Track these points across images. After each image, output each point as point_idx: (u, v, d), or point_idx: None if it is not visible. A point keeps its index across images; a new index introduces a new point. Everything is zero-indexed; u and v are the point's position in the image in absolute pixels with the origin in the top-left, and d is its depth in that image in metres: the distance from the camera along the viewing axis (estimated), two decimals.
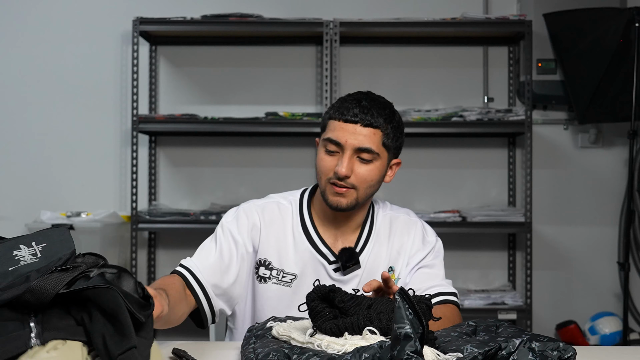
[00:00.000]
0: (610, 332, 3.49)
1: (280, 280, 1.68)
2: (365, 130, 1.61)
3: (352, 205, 1.65)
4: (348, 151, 1.60)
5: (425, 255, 1.74)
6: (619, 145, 3.69)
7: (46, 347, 0.96)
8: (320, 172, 1.66)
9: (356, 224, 1.73)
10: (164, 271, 3.69)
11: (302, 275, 1.68)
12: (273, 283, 1.68)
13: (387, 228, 1.75)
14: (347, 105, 1.63)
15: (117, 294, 1.00)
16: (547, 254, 3.68)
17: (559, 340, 1.15)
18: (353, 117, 1.61)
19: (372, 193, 1.68)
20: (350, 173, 1.61)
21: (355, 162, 1.62)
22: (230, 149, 3.68)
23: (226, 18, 3.41)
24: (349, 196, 1.63)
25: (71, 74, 3.69)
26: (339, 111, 1.63)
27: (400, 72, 3.71)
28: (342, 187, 1.62)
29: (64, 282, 1.00)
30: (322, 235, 1.70)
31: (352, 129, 1.61)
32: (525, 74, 3.46)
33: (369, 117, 1.61)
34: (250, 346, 1.23)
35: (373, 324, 1.17)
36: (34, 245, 1.09)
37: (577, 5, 3.44)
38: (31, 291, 0.99)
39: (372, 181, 1.64)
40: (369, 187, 1.64)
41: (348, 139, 1.60)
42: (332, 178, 1.63)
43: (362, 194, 1.64)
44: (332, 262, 1.68)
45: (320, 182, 1.67)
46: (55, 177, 3.69)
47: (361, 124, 1.60)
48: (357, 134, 1.60)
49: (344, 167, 1.59)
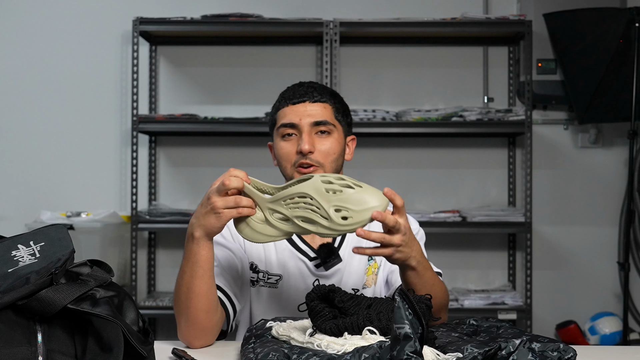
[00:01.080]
0: (610, 332, 3.49)
1: (267, 282, 1.68)
2: (315, 106, 1.66)
3: None
4: (305, 128, 1.64)
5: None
6: (619, 145, 3.69)
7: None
8: (283, 161, 1.67)
9: None
10: (164, 271, 3.69)
11: (286, 275, 1.68)
12: (261, 286, 1.68)
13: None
14: (290, 91, 1.70)
15: (120, 329, 1.01)
16: (547, 254, 3.68)
17: (559, 341, 1.15)
18: (301, 96, 1.67)
19: (337, 169, 1.69)
20: (314, 148, 1.63)
21: (314, 138, 1.64)
22: (230, 149, 3.68)
23: (226, 18, 3.41)
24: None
25: (71, 74, 3.69)
26: (284, 99, 1.69)
27: (400, 72, 3.71)
28: (308, 166, 1.63)
29: (73, 297, 1.00)
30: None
31: (302, 108, 1.66)
32: (525, 74, 3.45)
33: (316, 93, 1.67)
34: (250, 346, 1.23)
35: (373, 324, 1.17)
36: (32, 245, 1.08)
37: (577, 5, 3.44)
38: (39, 300, 0.99)
39: (334, 154, 1.66)
40: (333, 162, 1.66)
41: (302, 117, 1.65)
42: (296, 161, 1.64)
43: (329, 169, 1.65)
44: (313, 259, 1.68)
45: (285, 172, 1.67)
46: (55, 177, 3.69)
47: (310, 101, 1.66)
48: (308, 111, 1.65)
49: (306, 142, 1.62)
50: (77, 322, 1.02)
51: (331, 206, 1.31)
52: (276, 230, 1.37)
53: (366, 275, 1.71)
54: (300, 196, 1.33)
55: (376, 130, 3.41)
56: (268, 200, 1.37)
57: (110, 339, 1.01)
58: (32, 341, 0.98)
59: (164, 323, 3.66)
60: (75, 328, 1.02)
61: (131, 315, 1.07)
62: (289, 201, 1.35)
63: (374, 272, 1.72)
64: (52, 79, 3.70)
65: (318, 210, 1.32)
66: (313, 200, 1.32)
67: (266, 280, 1.68)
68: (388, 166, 3.69)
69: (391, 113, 3.42)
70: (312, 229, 1.34)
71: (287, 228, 1.37)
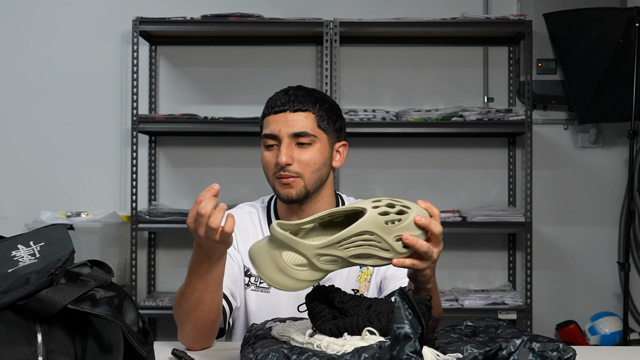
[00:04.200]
0: (610, 332, 3.49)
1: (258, 287, 1.68)
2: (295, 116, 1.64)
3: (303, 194, 1.64)
4: (284, 139, 1.63)
5: None
6: (619, 145, 3.69)
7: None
8: (265, 170, 1.68)
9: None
10: (163, 271, 3.69)
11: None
12: (252, 290, 1.69)
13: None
14: (274, 98, 1.68)
15: (120, 330, 1.01)
16: (547, 254, 3.68)
17: (559, 341, 1.15)
18: (281, 106, 1.65)
19: (321, 178, 1.67)
20: (292, 160, 1.62)
21: (294, 150, 1.63)
22: (230, 149, 3.68)
23: (226, 18, 3.41)
24: (296, 185, 1.63)
25: (71, 74, 3.69)
26: (268, 106, 1.68)
27: (400, 72, 3.71)
28: (287, 177, 1.62)
29: (73, 297, 1.00)
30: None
31: (282, 118, 1.64)
32: (525, 74, 3.45)
33: (297, 102, 1.64)
34: (250, 346, 1.23)
35: (372, 325, 1.17)
36: (32, 245, 1.08)
37: (577, 5, 3.44)
38: (39, 300, 0.99)
39: (315, 165, 1.64)
40: (314, 172, 1.64)
41: (281, 127, 1.63)
42: (277, 172, 1.64)
43: (309, 180, 1.64)
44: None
45: (268, 180, 1.68)
46: (55, 177, 3.69)
47: (290, 110, 1.64)
48: (288, 121, 1.63)
49: (283, 155, 1.61)
50: (77, 323, 1.02)
51: (393, 238, 1.24)
52: (321, 272, 1.24)
53: (358, 282, 1.70)
54: (358, 234, 1.22)
55: (376, 130, 3.41)
56: (318, 246, 1.22)
57: (110, 339, 1.01)
58: (32, 341, 0.98)
59: (164, 323, 3.66)
60: (75, 328, 1.02)
61: (131, 315, 1.07)
62: (343, 242, 1.23)
63: (367, 279, 1.71)
64: (52, 79, 3.70)
65: (379, 244, 1.23)
66: (373, 235, 1.22)
67: (258, 285, 1.68)
68: (388, 166, 3.69)
69: (391, 113, 3.41)
70: (369, 263, 1.26)
71: (336, 267, 1.25)
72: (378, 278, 1.71)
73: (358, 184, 3.66)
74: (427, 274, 1.33)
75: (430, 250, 1.27)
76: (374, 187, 3.68)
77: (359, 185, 3.66)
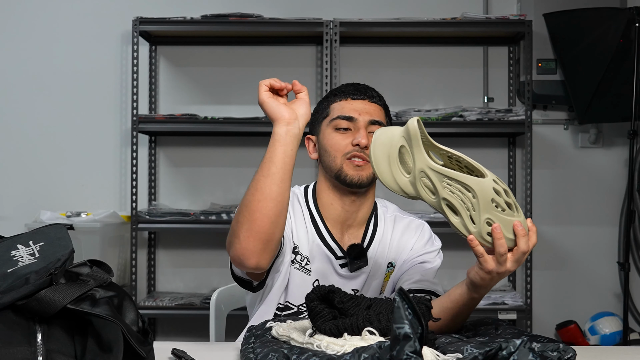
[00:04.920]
0: (610, 332, 3.49)
1: (302, 267, 1.65)
2: (373, 106, 1.70)
3: (370, 179, 1.66)
4: (363, 123, 1.66)
5: (429, 251, 1.74)
6: (619, 145, 3.69)
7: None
8: (334, 151, 1.65)
9: (362, 219, 1.71)
10: (163, 271, 3.69)
11: (312, 269, 1.66)
12: (296, 268, 1.65)
13: (391, 226, 1.75)
14: (349, 88, 1.72)
15: (120, 330, 1.01)
16: (547, 254, 3.68)
17: (559, 341, 1.15)
18: (360, 94, 1.70)
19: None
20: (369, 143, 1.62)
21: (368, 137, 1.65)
22: (230, 149, 3.68)
23: (226, 18, 3.41)
24: (367, 169, 1.64)
25: (71, 74, 3.69)
26: (343, 93, 1.71)
27: (400, 72, 3.71)
28: (363, 157, 1.63)
29: (72, 297, 1.00)
30: (330, 229, 1.68)
31: (361, 105, 1.68)
32: (525, 74, 3.45)
33: (374, 94, 1.72)
34: (250, 346, 1.23)
35: (372, 325, 1.17)
36: (32, 245, 1.08)
37: (577, 5, 3.44)
38: (38, 300, 0.99)
39: None
40: None
41: (361, 112, 1.67)
42: (349, 153, 1.64)
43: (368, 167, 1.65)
44: (340, 257, 1.66)
45: (334, 162, 1.65)
46: (55, 177, 3.69)
47: (369, 100, 1.70)
48: (367, 108, 1.68)
49: (364, 137, 1.63)
50: (76, 323, 1.02)
51: (485, 218, 1.23)
52: (413, 191, 1.27)
53: (384, 281, 1.70)
54: (465, 187, 1.23)
55: None
56: (430, 165, 1.26)
57: (110, 339, 1.01)
58: (32, 341, 0.98)
59: (164, 323, 3.67)
60: (75, 328, 1.02)
61: (131, 315, 1.07)
62: (449, 181, 1.23)
63: (390, 279, 1.71)
64: (52, 79, 3.70)
65: (472, 211, 1.23)
66: (475, 200, 1.22)
67: (303, 265, 1.65)
68: None
69: (391, 113, 3.41)
70: (452, 220, 1.25)
71: (425, 197, 1.26)
72: (396, 277, 1.71)
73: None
74: (486, 282, 1.35)
75: (504, 256, 1.27)
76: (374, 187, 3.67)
77: None
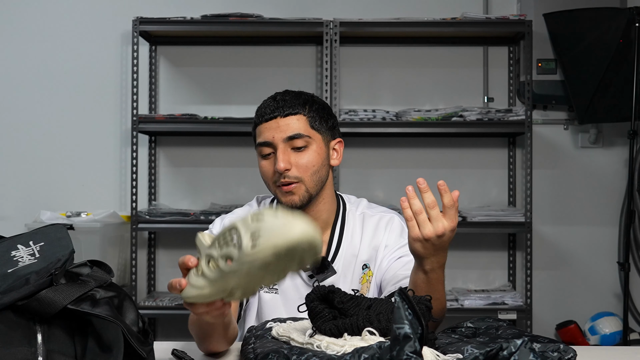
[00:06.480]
0: (610, 332, 3.49)
1: (271, 288, 1.67)
2: (287, 120, 1.62)
3: (306, 199, 1.63)
4: (280, 145, 1.61)
5: (403, 245, 1.66)
6: (619, 145, 3.69)
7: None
8: (265, 179, 1.66)
9: (324, 223, 1.69)
10: (163, 271, 3.69)
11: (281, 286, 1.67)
12: (265, 292, 1.68)
13: (359, 227, 1.72)
14: (263, 106, 1.67)
15: (120, 330, 1.01)
16: (547, 254, 3.68)
17: (559, 341, 1.15)
18: (271, 113, 1.63)
19: (322, 180, 1.65)
20: (290, 165, 1.60)
21: (291, 154, 1.61)
22: (230, 149, 3.68)
23: (226, 18, 3.41)
24: (297, 191, 1.62)
25: (71, 74, 3.69)
26: (258, 115, 1.67)
27: (400, 72, 3.71)
28: (288, 184, 1.61)
29: (73, 298, 1.00)
30: None
31: (274, 125, 1.62)
32: (525, 74, 3.45)
33: (286, 107, 1.63)
34: (250, 346, 1.23)
35: (372, 325, 1.16)
36: (32, 245, 1.08)
37: (577, 5, 3.44)
38: (38, 300, 0.99)
39: (314, 167, 1.62)
40: (314, 174, 1.62)
41: (274, 134, 1.62)
42: (277, 180, 1.62)
43: (310, 183, 1.62)
44: (306, 269, 1.65)
45: (270, 190, 1.66)
46: (55, 177, 3.69)
47: (280, 116, 1.62)
48: (280, 127, 1.62)
49: (280, 161, 1.60)
50: (77, 323, 1.02)
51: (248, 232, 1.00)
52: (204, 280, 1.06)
53: (361, 284, 1.69)
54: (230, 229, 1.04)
55: (376, 130, 3.41)
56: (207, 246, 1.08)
57: (110, 339, 1.01)
58: (32, 341, 0.98)
59: (164, 323, 3.66)
60: (75, 328, 1.02)
61: (131, 315, 1.07)
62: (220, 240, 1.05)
63: (368, 280, 1.70)
64: (52, 79, 3.70)
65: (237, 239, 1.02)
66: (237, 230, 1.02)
67: (270, 287, 1.67)
68: (388, 166, 3.69)
69: (391, 113, 3.41)
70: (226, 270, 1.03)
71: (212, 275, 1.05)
72: (378, 278, 1.70)
73: (358, 184, 3.65)
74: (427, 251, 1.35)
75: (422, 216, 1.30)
76: (374, 187, 3.68)
77: (359, 185, 3.66)
